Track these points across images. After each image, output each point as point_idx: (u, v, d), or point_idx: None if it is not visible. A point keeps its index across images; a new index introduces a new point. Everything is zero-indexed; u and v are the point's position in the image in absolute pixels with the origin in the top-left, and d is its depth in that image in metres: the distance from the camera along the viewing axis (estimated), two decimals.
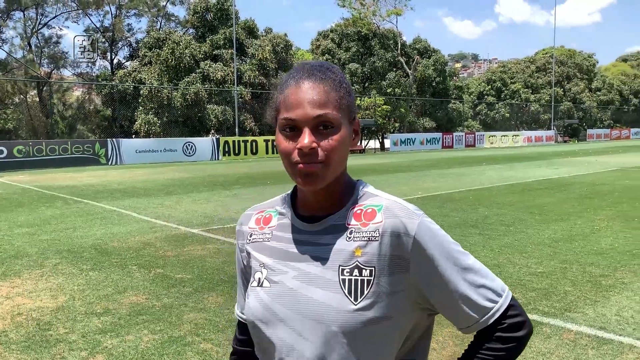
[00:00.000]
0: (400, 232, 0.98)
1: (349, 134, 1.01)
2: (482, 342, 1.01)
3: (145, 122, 31.46)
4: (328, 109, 0.97)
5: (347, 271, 0.98)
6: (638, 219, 8.27)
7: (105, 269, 5.79)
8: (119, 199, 11.78)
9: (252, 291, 1.07)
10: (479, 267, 1.02)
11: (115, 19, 40.14)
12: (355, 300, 0.96)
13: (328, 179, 1.00)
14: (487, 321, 0.99)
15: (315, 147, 0.96)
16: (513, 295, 1.03)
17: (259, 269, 1.08)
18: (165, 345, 3.69)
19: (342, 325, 0.96)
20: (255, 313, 1.04)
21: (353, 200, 1.05)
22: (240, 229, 1.16)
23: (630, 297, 4.60)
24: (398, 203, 1.02)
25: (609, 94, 62.26)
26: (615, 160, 23.00)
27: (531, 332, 1.02)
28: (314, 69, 1.02)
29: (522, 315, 1.01)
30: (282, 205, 1.13)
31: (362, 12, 43.53)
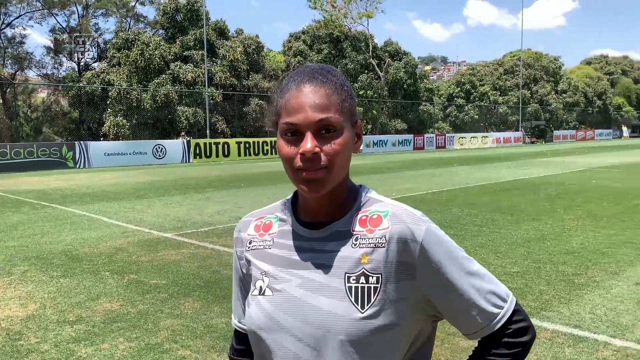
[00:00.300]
0: (407, 239, 0.96)
1: (351, 137, 1.00)
2: (488, 348, 1.00)
3: (114, 125, 30.88)
4: (330, 112, 0.95)
5: (354, 278, 0.96)
6: (606, 219, 8.47)
7: (77, 275, 5.64)
8: (88, 203, 11.52)
9: (253, 300, 1.04)
10: (484, 272, 1.02)
11: (82, 19, 39.35)
12: (362, 308, 0.95)
13: (331, 184, 0.98)
14: (494, 327, 0.99)
15: (318, 152, 0.94)
16: (517, 300, 1.03)
17: (260, 277, 1.05)
18: (142, 353, 3.61)
19: (348, 334, 0.94)
20: (257, 322, 1.01)
21: (357, 206, 1.03)
22: (239, 236, 1.13)
23: (602, 295, 4.70)
24: (404, 209, 1.01)
25: (574, 96, 63.80)
26: (581, 160, 23.57)
27: (535, 337, 1.02)
28: (315, 72, 1.00)
29: (526, 320, 1.01)
30: (282, 211, 1.10)
31: (333, 14, 43.65)
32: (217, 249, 6.85)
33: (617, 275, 5.29)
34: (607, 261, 5.85)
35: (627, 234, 7.25)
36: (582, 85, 65.91)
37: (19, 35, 38.63)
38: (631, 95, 75.45)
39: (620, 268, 5.57)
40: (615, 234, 7.26)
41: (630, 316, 4.15)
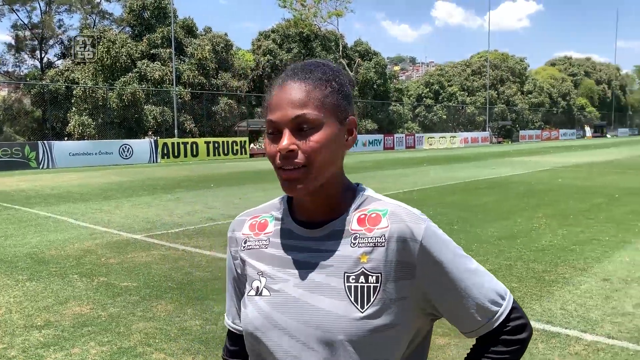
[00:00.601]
0: (407, 238, 0.95)
1: (335, 134, 0.96)
2: (487, 346, 1.00)
3: (79, 124, 30.17)
4: (307, 108, 0.93)
5: (353, 278, 0.95)
6: (573, 216, 8.67)
7: (44, 278, 5.48)
8: (53, 204, 11.22)
9: (250, 300, 1.02)
10: (482, 270, 1.01)
11: (44, 16, 38.35)
12: (362, 307, 0.93)
13: (313, 183, 0.95)
14: (492, 324, 0.98)
15: (294, 150, 0.93)
16: (514, 298, 1.03)
17: (256, 277, 1.02)
18: (114, 357, 3.52)
19: (348, 333, 0.92)
20: (255, 323, 0.99)
21: (355, 204, 1.01)
22: (233, 236, 1.10)
23: (572, 291, 4.80)
24: (403, 208, 1.00)
25: (540, 96, 65.25)
26: (547, 160, 24.11)
27: (532, 334, 1.03)
28: (299, 69, 0.99)
29: (523, 317, 1.01)
30: (278, 210, 1.08)
31: (303, 13, 43.64)
32: (188, 250, 6.74)
33: (586, 272, 5.42)
34: (575, 258, 5.98)
35: (593, 231, 7.44)
36: (547, 86, 67.48)
37: None
38: (594, 96, 77.64)
39: (588, 265, 5.70)
40: (582, 231, 7.44)
41: (599, 311, 4.24)
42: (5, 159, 22.83)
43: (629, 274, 5.32)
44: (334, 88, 0.97)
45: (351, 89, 1.04)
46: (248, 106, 37.64)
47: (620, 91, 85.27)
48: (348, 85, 1.02)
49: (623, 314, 4.18)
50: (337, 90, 0.98)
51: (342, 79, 1.01)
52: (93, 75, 32.15)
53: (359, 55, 46.45)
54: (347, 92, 1.00)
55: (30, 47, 38.71)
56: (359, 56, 46.35)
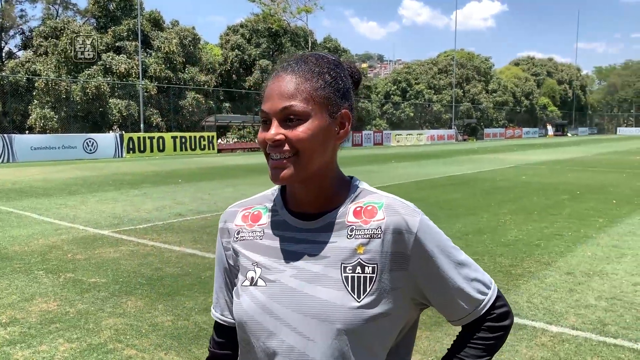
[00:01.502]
0: (403, 229, 0.98)
1: (323, 126, 0.98)
2: (473, 333, 1.04)
3: (40, 117, 29.36)
4: (295, 100, 0.96)
5: (350, 268, 0.97)
6: (537, 212, 8.90)
7: (8, 275, 5.33)
8: (15, 199, 10.91)
9: (244, 291, 1.03)
10: (470, 261, 1.05)
11: (4, 4, 37.15)
12: (359, 297, 0.96)
13: (299, 173, 0.97)
14: (479, 312, 1.03)
15: (280, 139, 0.95)
16: (498, 287, 1.07)
17: (251, 267, 1.03)
18: (84, 354, 3.46)
19: (345, 322, 0.94)
20: (250, 312, 1.00)
21: (350, 197, 1.03)
22: (225, 227, 1.11)
23: (537, 284, 4.93)
24: (399, 201, 1.02)
25: (504, 95, 66.57)
26: (511, 157, 24.64)
27: (513, 321, 1.08)
28: (292, 61, 1.01)
29: (506, 305, 1.06)
30: (271, 202, 1.09)
31: (272, 8, 43.40)
32: (157, 245, 6.66)
33: (550, 266, 5.58)
34: (540, 252, 6.15)
35: (556, 226, 7.66)
36: (511, 85, 68.88)
37: None
38: (555, 96, 79.61)
39: (552, 259, 5.87)
40: (546, 227, 7.65)
41: (564, 304, 4.38)
42: None
43: (591, 267, 5.51)
44: (326, 81, 0.99)
45: (352, 82, 1.06)
46: (216, 101, 37.26)
47: (580, 91, 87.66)
48: (345, 79, 1.03)
49: (586, 306, 4.32)
50: (329, 84, 0.99)
51: (338, 72, 1.02)
52: (56, 67, 31.30)
53: (328, 52, 46.51)
54: (341, 85, 1.01)
55: None
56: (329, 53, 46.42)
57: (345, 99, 1.02)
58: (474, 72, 64.19)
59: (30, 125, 29.87)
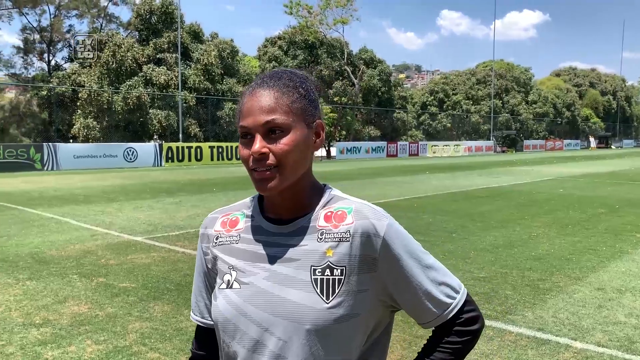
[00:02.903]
0: (370, 233, 1.02)
1: (304, 136, 1.03)
2: (441, 336, 1.07)
3: (84, 127, 30.38)
4: (276, 114, 1.00)
5: (319, 271, 1.01)
6: (572, 226, 8.70)
7: (44, 278, 5.55)
8: (56, 205, 11.32)
9: (220, 293, 1.08)
10: (439, 266, 1.08)
11: (53, 19, 38.68)
12: (327, 298, 1.00)
13: (284, 182, 1.02)
14: (446, 316, 1.05)
15: (265, 152, 1.00)
16: (468, 292, 1.10)
17: (227, 271, 1.08)
18: (110, 355, 3.58)
19: (314, 322, 0.99)
20: (225, 314, 1.05)
21: (322, 203, 1.08)
22: (205, 232, 1.16)
23: (565, 299, 4.83)
24: (367, 205, 1.07)
25: (544, 106, 65.24)
26: (550, 170, 24.11)
27: (483, 326, 1.10)
28: (267, 77, 1.06)
29: (476, 310, 1.09)
30: (249, 208, 1.14)
31: (308, 20, 43.83)
32: (188, 252, 6.81)
33: (580, 281, 5.45)
34: (571, 267, 6.01)
35: (590, 241, 7.47)
36: (552, 96, 67.48)
37: None
38: (598, 107, 77.57)
39: (583, 274, 5.73)
40: (579, 241, 7.47)
41: (591, 320, 4.28)
42: (11, 160, 23.00)
43: (624, 283, 5.36)
44: (301, 94, 1.04)
45: (317, 94, 1.11)
46: None
47: (625, 102, 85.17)
48: (314, 91, 1.09)
49: (615, 323, 4.21)
50: (304, 96, 1.05)
51: (309, 85, 1.08)
52: (99, 79, 32.35)
53: (364, 63, 46.59)
54: (313, 97, 1.07)
55: (39, 50, 39.00)
56: (364, 64, 46.49)
57: (317, 109, 1.08)
58: (513, 82, 63.17)
59: (74, 134, 30.91)
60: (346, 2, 43.45)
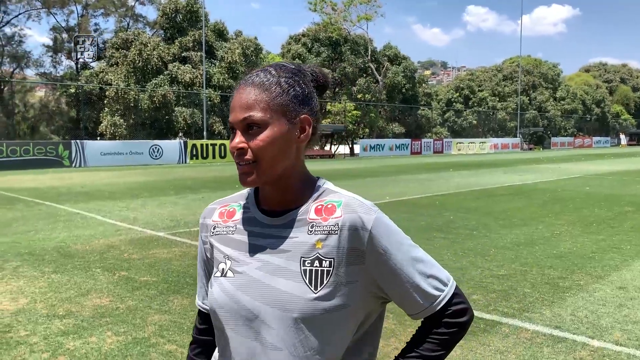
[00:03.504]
0: (358, 226, 1.04)
1: (282, 132, 1.05)
2: (430, 328, 1.09)
3: (111, 124, 30.95)
4: (253, 110, 1.04)
5: (308, 262, 1.04)
6: (596, 224, 8.55)
7: (68, 271, 5.70)
8: (82, 201, 11.57)
9: (215, 281, 1.12)
10: (427, 259, 1.10)
11: (81, 19, 39.43)
12: (315, 289, 1.02)
13: (262, 177, 1.05)
14: (434, 308, 1.07)
15: (243, 147, 1.04)
16: (457, 285, 1.12)
17: (222, 260, 1.12)
18: (129, 346, 3.67)
19: (302, 312, 1.01)
20: (219, 301, 1.09)
21: (314, 196, 1.10)
22: (204, 222, 1.21)
23: (585, 298, 4.77)
24: (356, 199, 1.08)
25: (573, 103, 64.05)
26: (578, 167, 23.68)
27: (472, 318, 1.10)
28: (250, 75, 1.10)
29: (465, 302, 1.10)
30: (245, 200, 1.18)
31: (332, 17, 43.81)
32: None
33: (602, 280, 5.37)
34: (593, 265, 5.92)
35: (614, 240, 7.33)
36: (581, 92, 66.19)
37: (17, 35, 38.67)
38: (629, 103, 75.81)
39: (605, 272, 5.64)
40: (603, 239, 7.34)
41: (610, 318, 4.22)
42: (40, 157, 23.57)
43: None
44: (283, 89, 1.06)
45: (317, 87, 1.12)
46: None
47: None
48: (304, 85, 1.09)
49: (635, 322, 4.14)
50: (286, 92, 1.06)
51: (296, 80, 1.08)
52: (125, 77, 32.89)
53: (388, 60, 46.38)
54: (299, 92, 1.08)
55: (67, 49, 39.81)
56: (388, 60, 46.28)
57: (305, 104, 1.08)
58: (540, 79, 62.14)
59: (101, 132, 31.50)
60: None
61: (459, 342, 3.63)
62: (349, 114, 39.82)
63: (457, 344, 1.10)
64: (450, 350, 1.09)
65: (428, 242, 7.06)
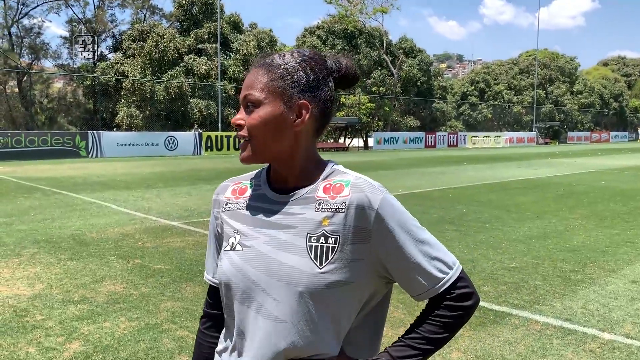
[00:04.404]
0: (365, 206, 1.06)
1: (275, 114, 1.08)
2: (433, 310, 1.10)
3: (127, 115, 31.22)
4: (252, 90, 1.10)
5: (314, 238, 1.07)
6: (610, 218, 8.48)
7: (84, 258, 5.80)
8: (98, 191, 11.72)
9: (225, 254, 1.16)
10: (434, 241, 1.11)
11: (97, 10, 39.71)
12: (320, 264, 1.05)
13: (256, 155, 1.11)
14: (437, 290, 1.08)
15: (240, 124, 1.11)
16: (463, 269, 1.13)
17: (232, 234, 1.16)
18: (141, 332, 3.73)
19: (307, 286, 1.04)
20: (227, 273, 1.12)
21: (323, 176, 1.14)
22: (217, 198, 1.24)
23: (596, 291, 4.75)
24: (364, 179, 1.11)
25: (590, 97, 63.21)
26: (593, 162, 23.42)
27: (477, 303, 1.11)
28: (260, 56, 1.15)
29: (470, 287, 1.11)
30: (258, 178, 1.22)
31: (348, 9, 43.62)
32: None
33: (614, 273, 5.34)
34: (606, 259, 5.88)
35: (629, 234, 7.27)
36: (598, 86, 65.28)
37: (36, 26, 39.05)
38: None
39: (618, 266, 5.60)
40: (617, 234, 7.28)
41: (622, 312, 4.20)
42: (58, 147, 23.88)
43: None
44: (286, 73, 1.09)
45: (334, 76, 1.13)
46: None
47: None
48: (311, 72, 1.10)
49: None
50: (288, 76, 1.09)
51: (303, 66, 1.10)
52: (141, 69, 33.11)
53: (403, 52, 46.11)
54: (300, 78, 1.10)
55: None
56: (403, 53, 46.02)
57: (308, 90, 1.10)
58: (557, 72, 61.38)
59: (118, 123, 31.79)
60: None
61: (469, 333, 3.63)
62: (363, 107, 39.70)
63: (460, 327, 1.11)
64: (453, 334, 1.10)
65: (440, 234, 7.05)
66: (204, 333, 1.28)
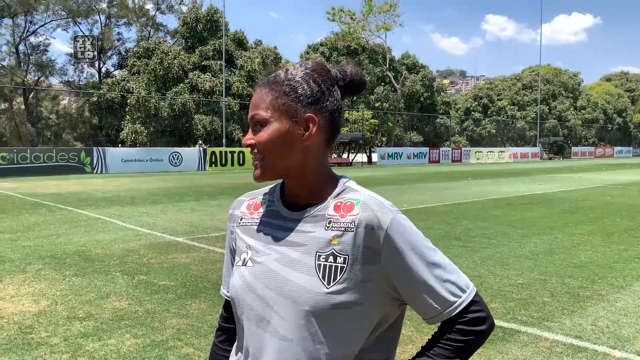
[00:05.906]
0: (374, 225, 1.04)
1: (283, 130, 1.08)
2: (444, 333, 1.07)
3: (132, 132, 31.35)
4: (258, 110, 1.10)
5: (323, 257, 1.06)
6: (617, 234, 8.42)
7: (89, 275, 5.78)
8: (103, 207, 11.73)
9: (236, 270, 1.16)
10: (446, 263, 1.08)
11: (104, 28, 40.12)
12: (328, 284, 1.03)
13: (267, 172, 1.10)
14: (449, 314, 1.05)
15: (250, 144, 1.11)
16: (478, 292, 1.09)
17: (245, 250, 1.16)
18: (147, 349, 3.70)
19: (313, 305, 1.03)
20: (237, 289, 1.12)
21: (334, 193, 1.12)
22: (233, 213, 1.25)
23: (606, 307, 4.69)
24: (375, 198, 1.09)
25: (594, 112, 63.23)
26: (598, 177, 23.35)
27: (492, 328, 1.08)
28: (264, 75, 1.15)
29: (484, 311, 1.07)
30: (271, 194, 1.21)
31: (351, 26, 43.93)
32: None
33: (624, 289, 5.28)
34: (615, 275, 5.83)
35: (637, 250, 7.21)
36: (602, 101, 65.35)
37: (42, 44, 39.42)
38: None
39: (627, 282, 5.55)
40: (625, 249, 7.22)
41: (632, 329, 4.15)
42: (63, 163, 23.96)
43: None
44: (285, 91, 1.09)
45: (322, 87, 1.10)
46: None
47: None
48: (314, 85, 1.09)
49: None
50: (291, 92, 1.09)
51: (305, 80, 1.09)
52: (146, 85, 33.33)
53: (406, 68, 46.30)
54: (305, 92, 1.09)
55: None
56: (406, 69, 46.21)
57: (313, 103, 1.09)
58: (560, 88, 61.50)
59: (123, 139, 31.92)
60: (389, 8, 43.38)
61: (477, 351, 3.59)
62: (366, 123, 39.80)
63: (473, 352, 1.07)
64: (465, 359, 1.06)
65: (446, 250, 7.01)
66: (217, 346, 1.29)
